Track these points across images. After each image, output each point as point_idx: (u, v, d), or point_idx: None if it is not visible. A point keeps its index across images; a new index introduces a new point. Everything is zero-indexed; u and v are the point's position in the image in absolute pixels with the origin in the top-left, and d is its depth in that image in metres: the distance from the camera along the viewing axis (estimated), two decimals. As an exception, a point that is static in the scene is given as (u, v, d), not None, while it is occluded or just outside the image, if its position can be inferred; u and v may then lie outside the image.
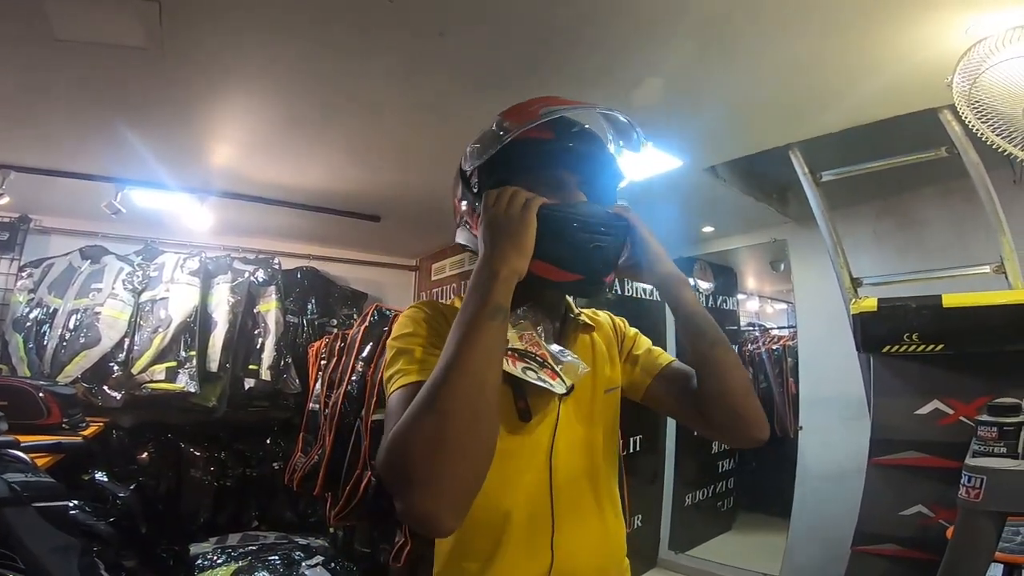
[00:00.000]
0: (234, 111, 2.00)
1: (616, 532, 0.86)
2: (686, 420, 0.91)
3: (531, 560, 0.75)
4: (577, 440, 0.82)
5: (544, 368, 0.76)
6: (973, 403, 1.51)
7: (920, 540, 1.49)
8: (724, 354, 0.81)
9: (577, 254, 0.76)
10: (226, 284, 3.15)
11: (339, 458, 1.98)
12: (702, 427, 0.87)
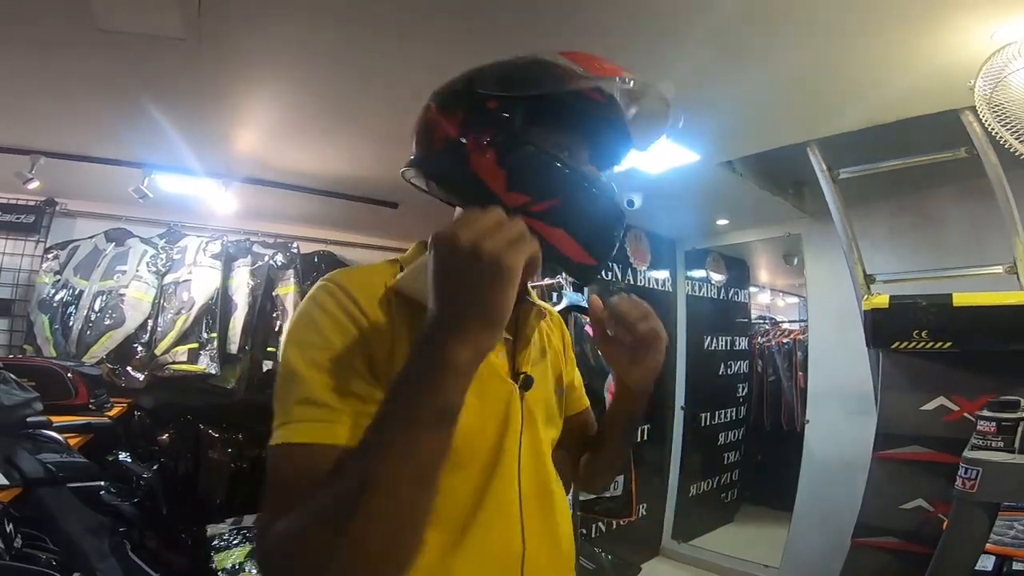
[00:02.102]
0: (263, 99, 2.03)
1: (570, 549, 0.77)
2: (562, 464, 0.83)
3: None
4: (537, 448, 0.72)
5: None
6: (978, 401, 1.54)
7: (919, 534, 1.54)
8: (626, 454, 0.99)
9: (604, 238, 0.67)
10: (246, 267, 3.21)
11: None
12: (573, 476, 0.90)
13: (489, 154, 0.63)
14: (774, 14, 1.41)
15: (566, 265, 0.67)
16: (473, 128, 0.65)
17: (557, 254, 0.64)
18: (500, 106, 0.64)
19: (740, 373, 3.95)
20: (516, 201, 0.62)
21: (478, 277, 0.46)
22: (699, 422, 3.56)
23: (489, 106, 0.65)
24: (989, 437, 0.86)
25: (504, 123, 0.64)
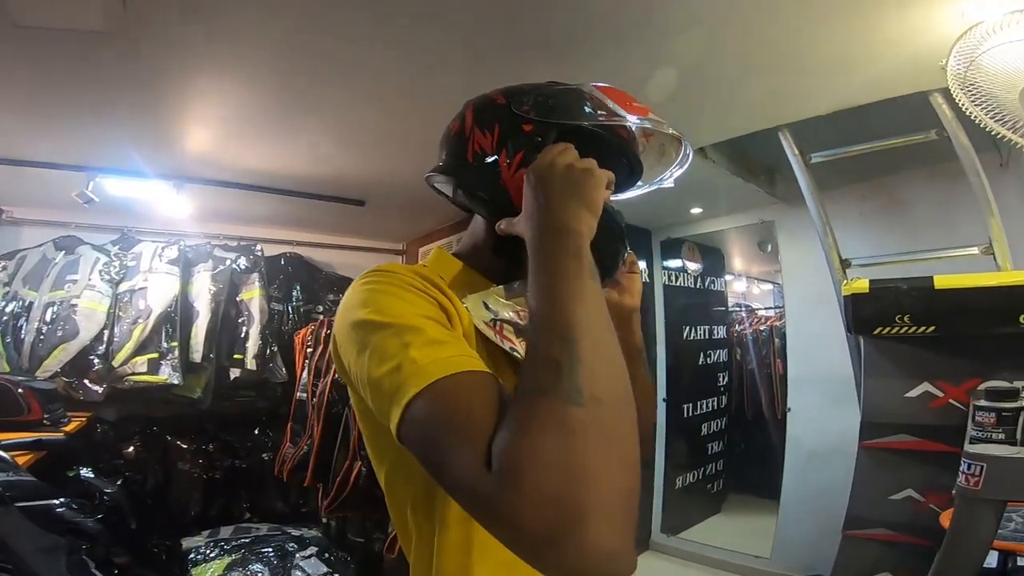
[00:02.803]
0: (211, 94, 1.91)
1: None
2: None
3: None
4: None
5: None
6: (963, 386, 1.52)
7: (910, 525, 1.51)
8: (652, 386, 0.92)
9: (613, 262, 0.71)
10: (207, 272, 3.07)
11: (328, 448, 1.97)
12: None
13: (521, 174, 0.65)
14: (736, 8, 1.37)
15: None
16: (508, 147, 0.69)
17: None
18: (535, 130, 0.69)
19: (720, 362, 3.94)
20: None
21: (577, 180, 0.59)
22: (682, 413, 3.54)
23: (525, 128, 0.69)
24: (988, 428, 0.83)
25: (538, 147, 0.66)
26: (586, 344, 0.45)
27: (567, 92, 0.72)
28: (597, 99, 0.70)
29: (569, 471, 0.39)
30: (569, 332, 0.45)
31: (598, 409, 0.41)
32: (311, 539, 2.30)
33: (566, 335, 0.45)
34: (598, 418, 0.41)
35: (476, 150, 0.71)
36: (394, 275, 0.59)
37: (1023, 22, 1.18)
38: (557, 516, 0.38)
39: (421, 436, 0.46)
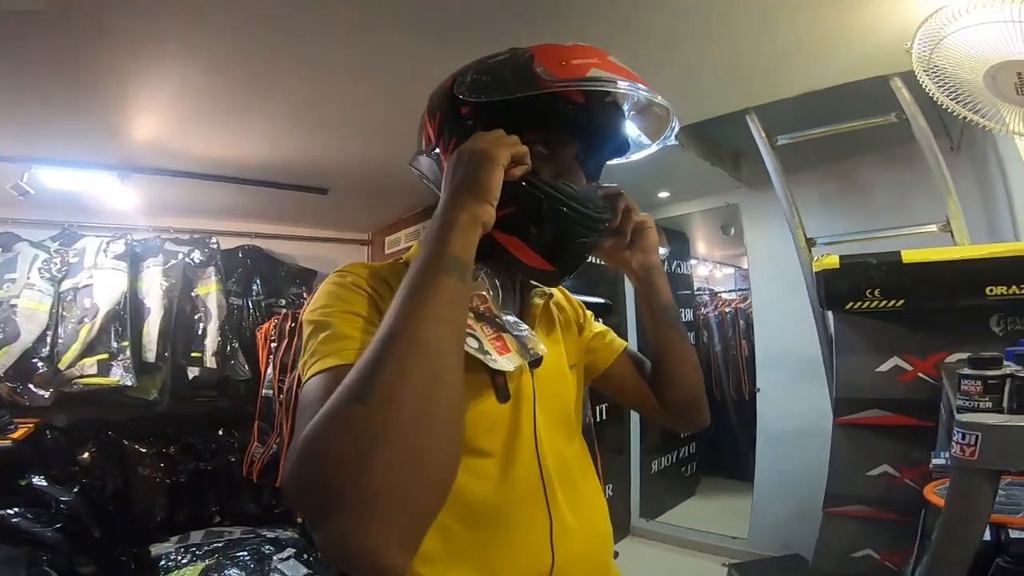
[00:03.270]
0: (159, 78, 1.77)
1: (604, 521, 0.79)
2: (638, 404, 0.90)
3: (531, 558, 0.66)
4: (556, 421, 0.74)
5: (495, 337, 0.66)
6: (930, 359, 1.58)
7: (888, 500, 1.56)
8: (689, 347, 0.85)
9: (562, 246, 0.67)
10: (157, 267, 2.90)
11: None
12: (655, 412, 0.87)
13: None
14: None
15: (524, 270, 0.70)
16: (446, 134, 0.69)
17: (514, 260, 0.67)
18: (469, 112, 0.67)
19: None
20: None
21: (471, 163, 0.58)
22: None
23: (461, 111, 0.67)
24: (975, 397, 0.83)
25: (469, 131, 0.65)
26: (401, 343, 0.45)
27: (501, 65, 0.66)
28: (535, 69, 0.63)
29: (334, 463, 0.41)
30: (390, 329, 0.47)
31: (383, 410, 0.42)
32: (288, 540, 2.22)
33: (387, 332, 0.47)
34: (379, 419, 0.42)
35: (426, 139, 0.72)
36: (345, 275, 0.65)
37: (987, 5, 1.19)
38: (317, 503, 0.41)
39: (297, 413, 0.53)
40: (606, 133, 0.73)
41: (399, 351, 0.45)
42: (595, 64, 0.64)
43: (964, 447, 0.75)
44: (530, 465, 0.68)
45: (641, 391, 0.87)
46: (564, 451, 0.74)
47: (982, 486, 0.75)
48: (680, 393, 0.84)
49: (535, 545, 0.66)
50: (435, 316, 0.48)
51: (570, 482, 0.72)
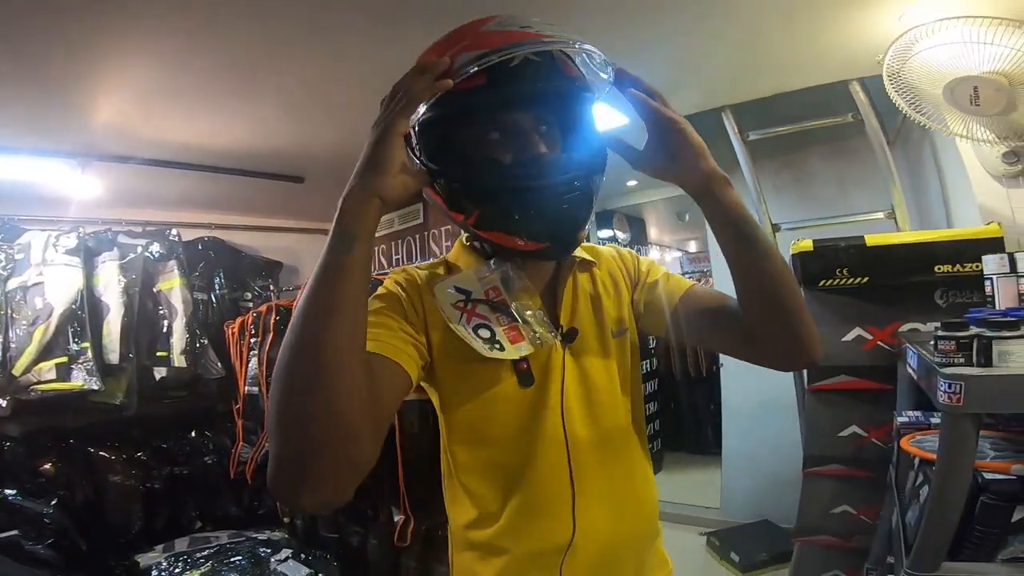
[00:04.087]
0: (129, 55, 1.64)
1: (647, 497, 0.79)
2: (725, 346, 0.83)
3: (551, 532, 0.69)
4: (591, 396, 0.72)
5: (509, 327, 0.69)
6: (886, 329, 1.80)
7: (858, 458, 1.77)
8: (782, 266, 0.67)
9: (538, 221, 0.65)
10: (113, 262, 2.72)
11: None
12: (749, 352, 0.73)
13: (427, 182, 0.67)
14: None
15: (523, 255, 0.71)
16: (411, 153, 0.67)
17: (506, 250, 0.69)
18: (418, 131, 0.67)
19: (645, 326, 4.21)
20: (458, 219, 0.70)
21: (370, 140, 0.58)
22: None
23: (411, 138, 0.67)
24: (951, 355, 0.99)
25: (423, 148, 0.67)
26: (292, 324, 0.53)
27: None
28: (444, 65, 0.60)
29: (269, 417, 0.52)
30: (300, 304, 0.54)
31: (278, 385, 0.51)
32: (282, 541, 2.19)
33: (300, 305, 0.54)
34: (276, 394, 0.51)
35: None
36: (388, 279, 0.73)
37: (949, 28, 1.37)
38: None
39: None
40: (537, 97, 0.66)
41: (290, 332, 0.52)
42: (462, 43, 0.61)
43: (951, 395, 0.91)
44: (555, 440, 0.69)
45: (724, 334, 0.75)
46: (603, 424, 0.73)
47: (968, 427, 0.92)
48: (781, 323, 0.68)
49: (557, 519, 0.69)
50: (319, 295, 0.52)
51: (606, 456, 0.72)
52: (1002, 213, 1.70)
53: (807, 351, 0.69)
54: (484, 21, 0.64)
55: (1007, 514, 0.97)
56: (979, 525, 1.00)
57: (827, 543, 1.83)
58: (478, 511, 0.71)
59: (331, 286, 0.52)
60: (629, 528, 0.74)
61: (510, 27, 0.62)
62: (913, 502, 1.22)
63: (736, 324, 0.71)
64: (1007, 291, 1.40)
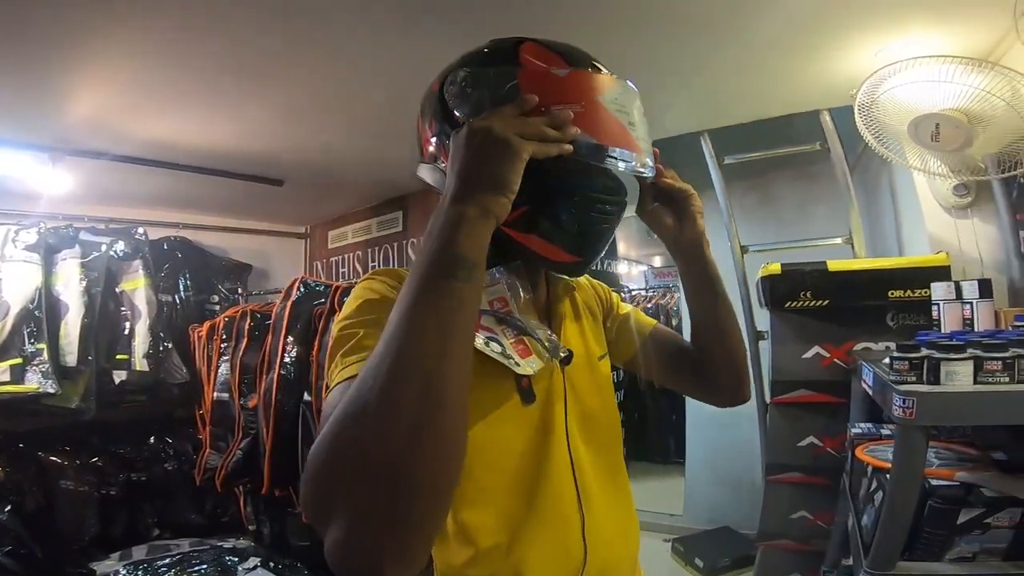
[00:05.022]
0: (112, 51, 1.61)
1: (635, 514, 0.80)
2: (678, 384, 0.91)
3: (564, 556, 0.66)
4: (591, 417, 0.74)
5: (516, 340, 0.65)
6: (842, 347, 1.93)
7: (814, 467, 1.89)
8: (735, 321, 0.81)
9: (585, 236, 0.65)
10: (75, 260, 2.63)
11: (286, 450, 1.85)
12: (696, 390, 0.88)
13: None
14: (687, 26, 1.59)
15: (547, 264, 0.69)
16: (444, 139, 0.63)
17: (536, 256, 0.65)
18: (465, 115, 0.62)
19: (612, 340, 4.30)
20: None
21: (489, 151, 0.50)
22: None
23: (456, 115, 0.63)
24: (904, 373, 1.08)
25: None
26: (397, 360, 0.42)
27: (486, 78, 0.61)
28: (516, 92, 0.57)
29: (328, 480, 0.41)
30: (386, 342, 0.43)
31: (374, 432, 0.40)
32: (249, 550, 2.14)
33: (383, 346, 0.43)
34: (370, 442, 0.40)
35: (425, 147, 0.68)
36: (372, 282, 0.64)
37: (919, 67, 1.46)
38: (317, 515, 0.41)
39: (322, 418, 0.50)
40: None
41: (397, 365, 0.41)
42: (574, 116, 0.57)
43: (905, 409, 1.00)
44: (562, 463, 0.68)
45: (678, 371, 0.86)
46: (598, 444, 0.74)
47: (920, 438, 1.02)
48: (728, 369, 0.82)
49: (569, 542, 0.67)
50: (438, 325, 0.43)
51: (605, 477, 0.73)
52: (950, 243, 1.85)
53: (744, 391, 0.85)
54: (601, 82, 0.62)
55: (953, 517, 1.06)
56: (928, 527, 1.10)
57: (787, 547, 1.93)
58: (475, 548, 0.63)
59: (451, 319, 0.44)
60: (627, 544, 0.77)
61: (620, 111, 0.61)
62: (868, 507, 1.32)
63: (688, 364, 0.84)
64: (952, 316, 1.54)
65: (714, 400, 0.88)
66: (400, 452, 0.39)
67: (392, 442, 0.39)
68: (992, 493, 1.05)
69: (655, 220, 0.77)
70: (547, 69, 0.61)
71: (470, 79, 0.61)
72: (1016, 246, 1.73)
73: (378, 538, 0.39)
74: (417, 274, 0.45)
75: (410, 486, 0.40)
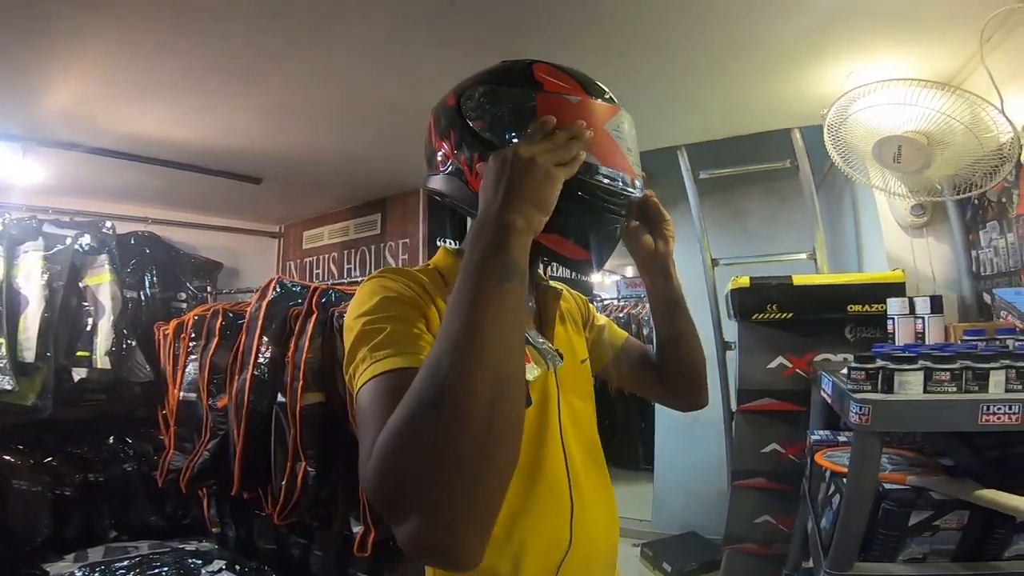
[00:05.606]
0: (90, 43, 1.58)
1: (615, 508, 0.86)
2: (644, 389, 0.99)
3: (551, 545, 0.72)
4: (578, 414, 0.80)
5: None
6: (804, 358, 2.01)
7: (777, 472, 1.97)
8: (695, 332, 0.91)
9: (599, 235, 0.70)
10: (37, 252, 2.54)
11: (257, 452, 1.82)
12: (660, 395, 0.98)
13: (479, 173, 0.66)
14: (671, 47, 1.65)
15: (562, 261, 0.72)
16: (465, 149, 0.68)
17: (552, 253, 0.69)
18: (485, 125, 0.67)
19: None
20: None
21: (533, 177, 0.56)
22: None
23: (476, 126, 0.68)
24: (861, 383, 1.14)
25: (490, 143, 0.67)
26: (470, 352, 0.45)
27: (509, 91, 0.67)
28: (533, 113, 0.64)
29: (412, 470, 0.43)
30: (456, 337, 0.46)
31: (455, 418, 0.43)
32: (213, 552, 2.09)
33: (453, 340, 0.46)
34: (452, 428, 0.43)
35: (441, 159, 0.72)
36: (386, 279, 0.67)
37: (888, 90, 1.51)
38: (396, 506, 0.44)
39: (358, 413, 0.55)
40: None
41: (468, 360, 0.45)
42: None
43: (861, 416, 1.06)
44: (556, 457, 0.73)
45: (645, 378, 0.95)
46: (586, 441, 0.80)
47: (875, 443, 1.08)
48: (689, 376, 0.92)
49: (557, 529, 0.72)
50: (499, 323, 0.48)
51: (591, 471, 0.79)
52: (906, 260, 1.95)
53: (702, 396, 0.95)
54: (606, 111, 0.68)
55: (905, 518, 1.12)
56: (882, 529, 1.16)
57: (751, 551, 2.00)
58: None
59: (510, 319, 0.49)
60: (609, 537, 0.83)
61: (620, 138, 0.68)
62: (826, 510, 1.38)
63: (653, 372, 0.94)
64: (906, 329, 1.62)
65: (676, 404, 0.98)
66: (478, 440, 0.43)
67: (471, 431, 0.43)
68: (940, 496, 1.11)
69: (632, 238, 0.84)
70: (561, 95, 0.66)
71: (489, 95, 0.67)
72: (967, 265, 1.85)
73: (462, 518, 0.43)
74: (475, 278, 0.50)
75: (488, 469, 0.44)
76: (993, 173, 1.45)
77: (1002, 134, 1.38)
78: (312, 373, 1.77)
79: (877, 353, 1.21)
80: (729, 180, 2.98)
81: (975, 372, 1.06)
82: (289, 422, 1.77)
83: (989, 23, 1.37)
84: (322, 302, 1.84)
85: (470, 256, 0.51)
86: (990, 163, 1.45)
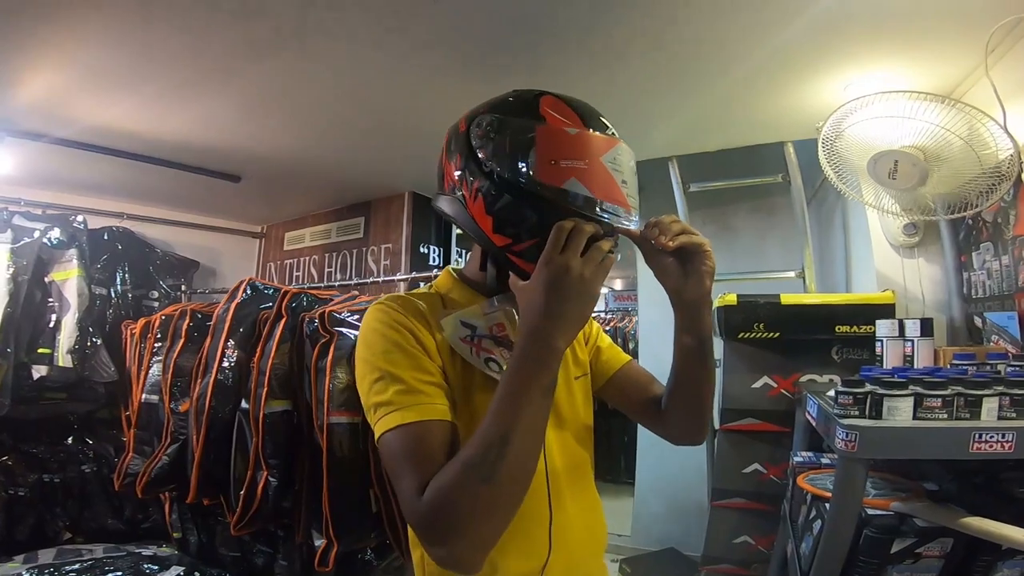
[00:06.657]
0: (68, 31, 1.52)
1: (602, 519, 0.88)
2: (640, 417, 0.95)
3: (528, 553, 0.75)
4: (564, 426, 0.82)
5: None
6: (789, 378, 1.96)
7: (758, 493, 1.91)
8: (713, 382, 0.86)
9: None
10: (4, 245, 2.45)
11: (216, 459, 1.73)
12: (657, 426, 0.93)
13: (479, 201, 0.70)
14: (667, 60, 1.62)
15: None
16: (468, 175, 0.71)
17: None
18: (488, 156, 0.70)
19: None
20: (501, 242, 0.70)
21: (580, 295, 0.62)
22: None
23: (480, 155, 0.70)
24: (848, 407, 1.10)
25: (490, 173, 0.69)
26: (515, 446, 0.59)
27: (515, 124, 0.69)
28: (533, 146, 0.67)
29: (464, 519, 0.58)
30: (507, 432, 0.59)
31: (503, 490, 0.58)
32: (172, 558, 1.98)
33: (505, 433, 0.59)
34: (499, 495, 0.59)
35: (448, 180, 0.74)
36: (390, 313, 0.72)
37: (886, 102, 1.47)
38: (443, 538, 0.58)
39: (388, 456, 0.65)
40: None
41: (515, 451, 0.58)
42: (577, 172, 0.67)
43: (847, 442, 1.01)
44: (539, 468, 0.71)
45: (643, 405, 0.93)
46: (572, 454, 0.82)
47: (860, 470, 1.03)
48: (694, 419, 0.88)
49: (534, 536, 0.75)
50: (537, 427, 0.61)
51: (575, 483, 0.81)
52: (896, 280, 1.91)
53: (703, 435, 0.93)
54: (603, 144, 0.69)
55: (887, 546, 1.07)
56: (863, 556, 1.10)
57: (729, 572, 1.93)
58: None
59: (543, 417, 0.62)
60: (594, 543, 0.85)
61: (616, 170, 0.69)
62: (806, 534, 1.32)
63: (655, 403, 0.91)
64: (894, 352, 1.58)
65: (672, 438, 0.93)
66: (511, 502, 0.60)
67: (505, 497, 0.59)
68: (923, 523, 1.06)
69: (663, 271, 0.78)
70: (560, 127, 0.69)
71: (495, 125, 0.70)
72: (958, 287, 1.81)
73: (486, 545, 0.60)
74: (524, 395, 0.60)
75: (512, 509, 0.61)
76: (990, 192, 1.41)
77: (1001, 151, 1.35)
78: (278, 379, 1.69)
79: (866, 377, 1.16)
80: (718, 195, 2.96)
81: (967, 399, 1.01)
82: (252, 429, 1.69)
83: (995, 33, 1.33)
84: (292, 306, 1.76)
85: (519, 367, 0.61)
86: (987, 182, 1.41)
